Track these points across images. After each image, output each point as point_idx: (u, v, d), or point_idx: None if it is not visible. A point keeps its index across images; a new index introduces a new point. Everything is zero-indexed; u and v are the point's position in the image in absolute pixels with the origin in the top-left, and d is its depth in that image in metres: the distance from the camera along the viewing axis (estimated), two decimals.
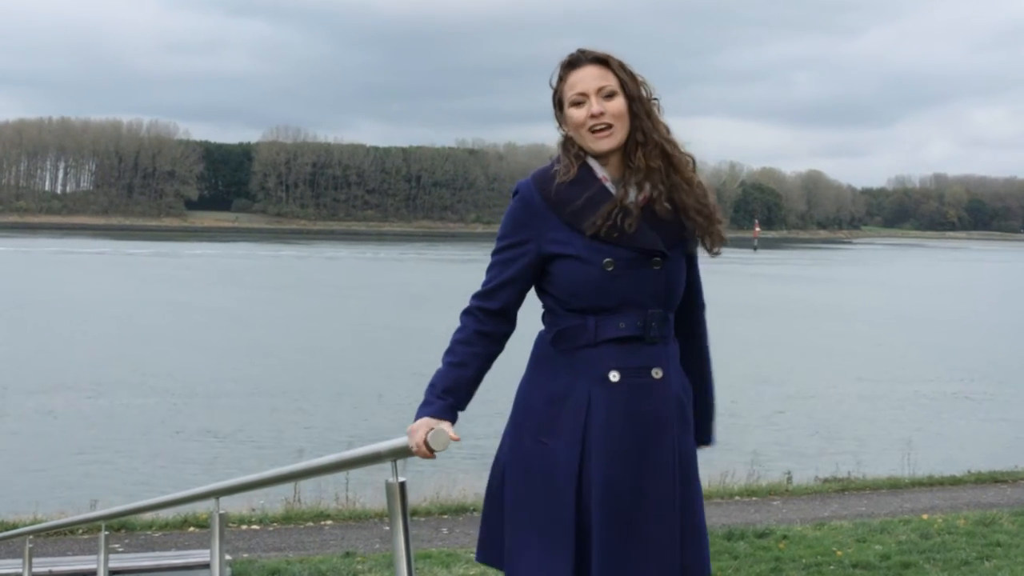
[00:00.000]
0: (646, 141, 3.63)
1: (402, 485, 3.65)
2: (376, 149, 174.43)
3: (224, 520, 5.11)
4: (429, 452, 3.44)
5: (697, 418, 3.77)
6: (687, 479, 3.67)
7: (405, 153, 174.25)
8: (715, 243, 3.78)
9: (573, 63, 3.65)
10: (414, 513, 12.85)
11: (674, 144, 3.70)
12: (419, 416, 3.59)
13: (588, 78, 3.61)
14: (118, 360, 32.82)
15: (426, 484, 14.94)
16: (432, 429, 3.46)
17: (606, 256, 3.56)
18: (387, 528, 12.06)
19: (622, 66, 3.65)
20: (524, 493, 3.67)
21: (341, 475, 13.72)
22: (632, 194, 3.62)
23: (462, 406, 3.67)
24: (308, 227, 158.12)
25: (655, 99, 3.70)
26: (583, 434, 3.58)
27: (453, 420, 3.61)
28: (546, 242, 3.63)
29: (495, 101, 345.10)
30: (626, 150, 3.64)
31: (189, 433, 23.24)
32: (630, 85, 3.64)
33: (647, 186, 3.62)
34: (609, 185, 3.64)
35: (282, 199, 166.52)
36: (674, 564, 3.58)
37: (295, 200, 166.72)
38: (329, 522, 12.57)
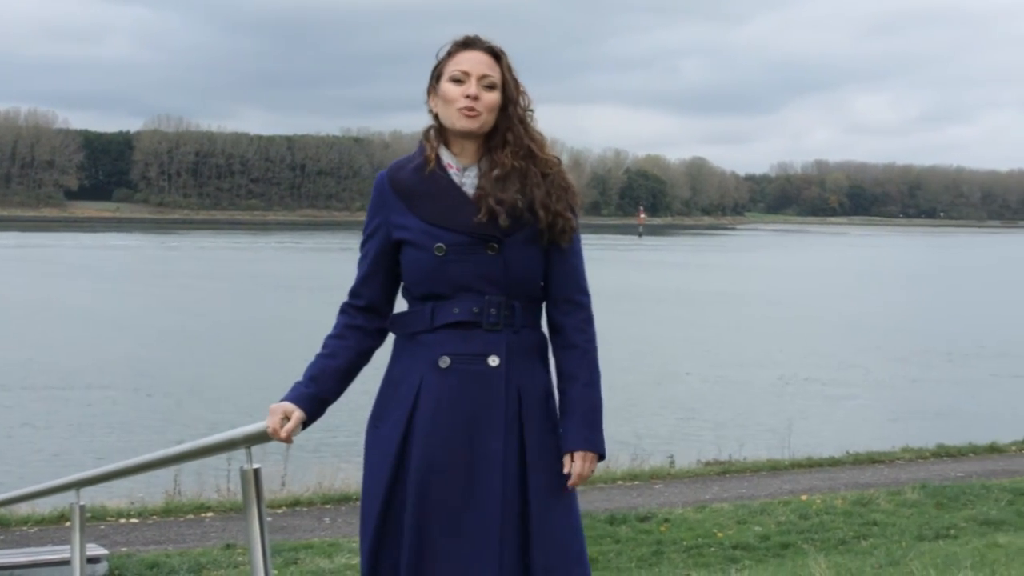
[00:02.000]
0: (514, 142, 3.62)
1: (256, 472, 3.66)
2: (260, 138, 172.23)
3: (84, 512, 4.99)
4: (286, 435, 3.50)
5: (573, 421, 3.61)
6: (537, 477, 3.56)
7: (289, 141, 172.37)
8: (561, 238, 3.63)
9: (467, 44, 3.63)
10: (296, 503, 12.76)
11: (541, 146, 3.67)
12: (281, 399, 3.60)
13: (476, 62, 3.59)
14: None
15: (308, 473, 14.83)
16: (284, 413, 3.52)
17: (438, 241, 3.54)
18: (268, 519, 11.97)
19: (511, 68, 3.65)
20: (364, 478, 3.68)
21: (223, 466, 13.56)
22: (471, 180, 3.61)
23: (328, 396, 3.65)
24: (191, 217, 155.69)
25: (530, 110, 3.69)
26: (408, 418, 3.55)
27: (312, 408, 3.60)
28: (392, 228, 3.64)
29: (381, 89, 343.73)
30: (489, 146, 3.63)
31: (50, 426, 22.66)
32: (511, 87, 3.63)
33: (493, 174, 3.60)
34: (453, 172, 3.63)
35: (164, 189, 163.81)
36: (491, 557, 3.49)
37: (177, 190, 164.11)
38: (210, 514, 12.40)
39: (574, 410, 3.62)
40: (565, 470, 3.58)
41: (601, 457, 3.65)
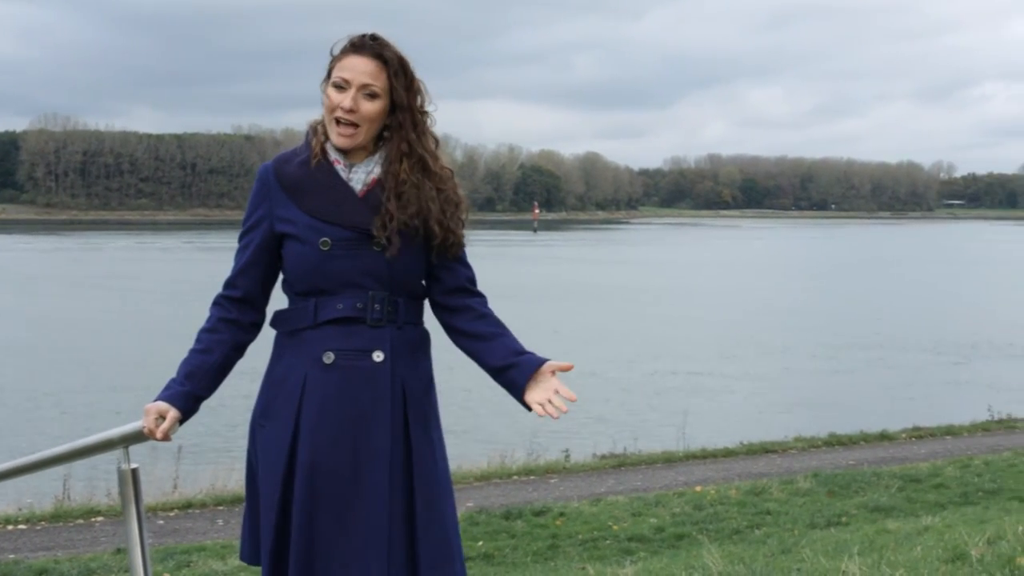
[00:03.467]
0: (411, 152, 3.59)
1: (135, 472, 3.64)
2: (150, 136, 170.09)
3: None
4: (162, 435, 3.48)
5: (525, 352, 3.62)
6: (422, 471, 3.57)
7: (180, 140, 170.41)
8: (448, 252, 3.65)
9: (357, 47, 3.56)
10: (189, 505, 12.58)
11: (436, 158, 3.64)
12: (156, 399, 3.56)
13: (360, 70, 3.52)
14: None
15: (201, 475, 14.64)
16: (159, 413, 3.50)
17: (324, 235, 3.51)
18: (161, 522, 11.80)
19: (402, 72, 3.56)
20: (249, 478, 3.66)
21: (112, 469, 13.31)
22: (359, 176, 3.59)
23: (203, 393, 3.62)
24: (79, 217, 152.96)
25: (427, 111, 3.64)
26: (296, 416, 3.52)
27: (187, 406, 3.57)
28: (276, 221, 3.60)
29: (273, 86, 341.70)
30: (388, 158, 3.59)
31: None
32: (400, 94, 3.56)
33: (378, 171, 3.60)
34: (340, 168, 3.59)
35: (52, 189, 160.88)
36: (380, 553, 3.49)
37: (65, 190, 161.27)
38: (100, 518, 12.18)
39: (520, 348, 3.64)
40: (554, 387, 3.59)
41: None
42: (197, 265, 68.07)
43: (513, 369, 3.60)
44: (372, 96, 3.53)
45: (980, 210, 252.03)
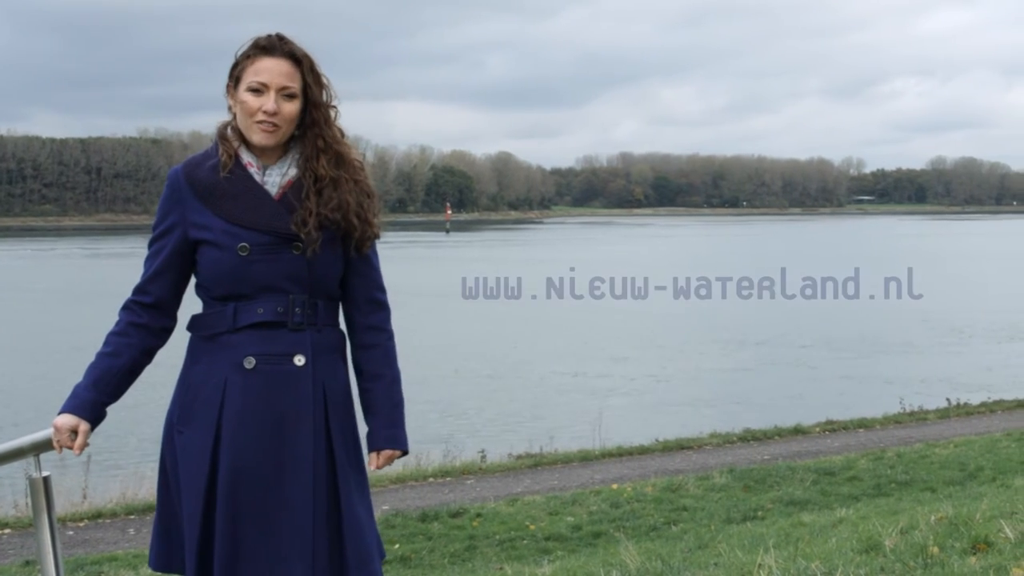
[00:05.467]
0: (327, 148, 3.59)
1: (46, 480, 3.64)
2: (53, 141, 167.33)
3: None
4: (78, 451, 3.50)
5: (379, 421, 3.68)
6: (344, 473, 3.58)
7: (84, 144, 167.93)
8: (364, 246, 3.67)
9: (267, 48, 3.54)
10: (99, 515, 12.36)
11: (348, 148, 3.65)
12: (63, 409, 3.53)
13: (276, 72, 3.51)
14: None
15: (111, 484, 14.42)
16: (71, 429, 3.49)
17: (241, 241, 3.49)
18: (71, 533, 11.58)
19: (312, 69, 3.58)
20: (162, 484, 3.62)
21: (20, 479, 13.07)
22: (274, 179, 3.57)
23: (110, 400, 3.60)
24: None
25: (334, 105, 3.65)
26: (217, 421, 3.49)
27: (95, 415, 3.55)
28: (190, 227, 3.56)
29: (179, 88, 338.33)
30: (305, 155, 3.59)
31: None
32: (314, 90, 3.58)
33: (293, 172, 3.59)
34: (253, 171, 3.57)
35: None
36: (305, 556, 3.49)
37: None
38: (8, 531, 11.93)
39: (379, 409, 3.68)
40: (372, 466, 3.65)
41: (404, 452, 3.72)
42: (97, 272, 67.04)
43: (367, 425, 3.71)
44: (291, 97, 3.54)
45: (889, 205, 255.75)
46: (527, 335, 37.34)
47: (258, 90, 3.50)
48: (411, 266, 66.55)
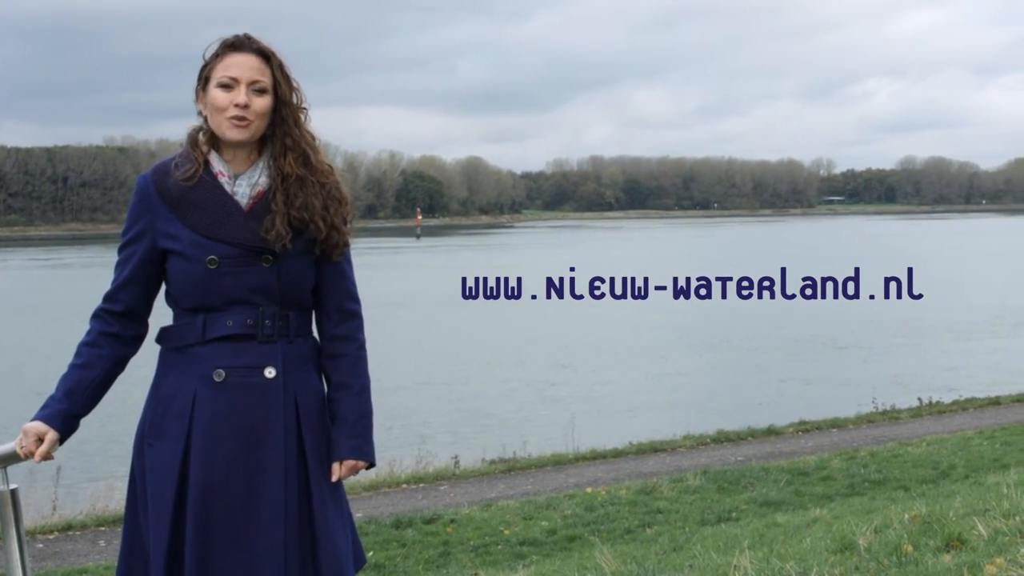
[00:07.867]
0: (294, 147, 3.55)
1: (14, 492, 3.62)
2: (18, 150, 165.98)
3: None
4: (40, 458, 3.45)
5: (343, 430, 3.62)
6: (318, 485, 3.55)
7: (50, 153, 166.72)
8: (333, 252, 3.62)
9: (235, 46, 3.51)
10: (69, 527, 12.26)
11: (316, 151, 3.61)
12: (34, 418, 3.49)
13: (245, 67, 3.48)
14: None
15: (81, 495, 14.31)
16: (38, 435, 3.44)
17: (210, 253, 3.45)
18: (40, 545, 11.48)
19: (282, 67, 3.55)
20: (130, 502, 3.58)
21: None
22: (244, 190, 3.53)
23: (82, 411, 3.55)
24: None
25: (304, 107, 3.62)
26: (187, 434, 3.45)
27: (66, 426, 3.51)
28: (159, 236, 3.52)
29: (146, 95, 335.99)
30: (273, 154, 3.55)
31: None
32: (283, 89, 3.55)
33: (264, 182, 3.55)
34: (224, 181, 3.53)
35: None
36: (277, 568, 3.45)
37: None
38: None
39: (345, 419, 3.62)
40: (334, 478, 3.58)
41: (371, 464, 3.68)
42: (57, 283, 66.67)
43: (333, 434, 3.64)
44: (261, 91, 3.51)
45: (860, 205, 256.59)
46: (499, 338, 37.30)
47: (228, 85, 3.47)
48: (381, 272, 66.40)
